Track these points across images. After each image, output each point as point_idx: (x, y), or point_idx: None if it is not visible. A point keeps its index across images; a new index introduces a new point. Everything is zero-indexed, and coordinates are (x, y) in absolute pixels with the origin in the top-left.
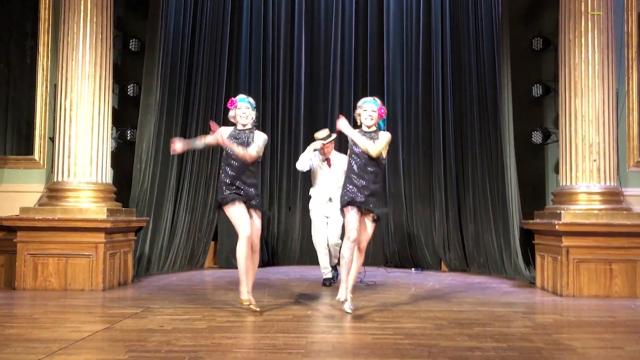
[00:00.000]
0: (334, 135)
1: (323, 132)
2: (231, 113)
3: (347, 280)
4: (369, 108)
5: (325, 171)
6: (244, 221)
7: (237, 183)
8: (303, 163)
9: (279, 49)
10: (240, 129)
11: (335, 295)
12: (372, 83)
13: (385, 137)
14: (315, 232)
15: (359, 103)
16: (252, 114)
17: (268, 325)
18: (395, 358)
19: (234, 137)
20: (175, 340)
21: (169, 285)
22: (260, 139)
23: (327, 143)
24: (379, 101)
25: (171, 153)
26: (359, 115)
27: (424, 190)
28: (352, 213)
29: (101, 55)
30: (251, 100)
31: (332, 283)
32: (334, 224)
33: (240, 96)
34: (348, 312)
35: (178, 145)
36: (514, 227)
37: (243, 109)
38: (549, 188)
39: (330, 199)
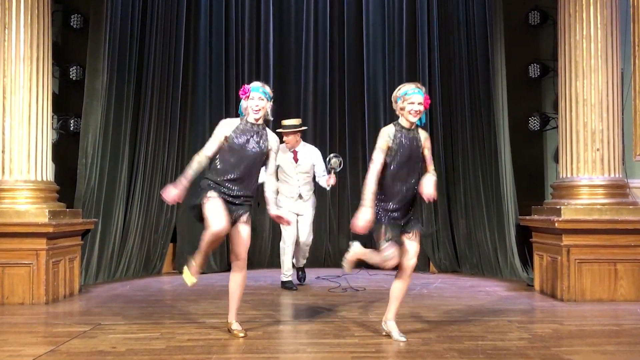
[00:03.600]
0: (301, 128)
1: (289, 120)
2: (243, 104)
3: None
4: (416, 100)
5: (292, 167)
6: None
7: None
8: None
9: (243, 23)
10: (251, 121)
11: (310, 302)
12: (349, 63)
13: (429, 142)
14: (284, 230)
15: (400, 92)
16: (268, 106)
17: (234, 344)
18: None
19: (241, 131)
20: None
21: (122, 296)
22: (274, 147)
23: (295, 132)
24: (424, 89)
25: (168, 203)
26: (402, 109)
27: None
28: (390, 244)
29: (38, 33)
30: (267, 89)
31: (292, 287)
32: (305, 222)
33: (254, 84)
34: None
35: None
36: (510, 223)
37: (256, 99)
38: (548, 179)
39: (300, 196)
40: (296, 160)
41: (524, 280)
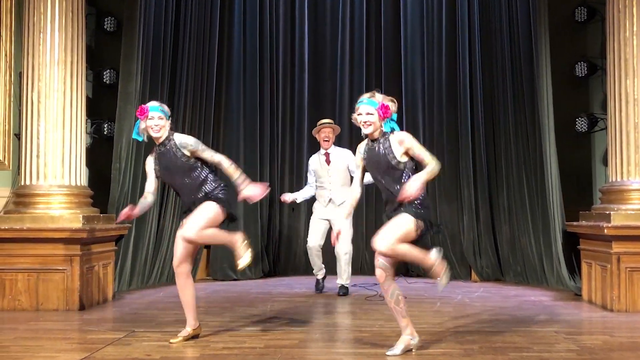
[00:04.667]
0: (336, 129)
1: (325, 120)
2: (141, 125)
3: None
4: (363, 110)
5: (324, 169)
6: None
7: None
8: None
9: (278, 23)
10: (159, 144)
11: (347, 310)
12: (386, 61)
13: (413, 141)
14: (309, 236)
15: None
16: (167, 124)
17: (270, 353)
18: None
19: (158, 157)
20: None
21: (156, 303)
22: (188, 142)
23: (324, 126)
24: (378, 97)
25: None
26: (355, 120)
27: (449, 188)
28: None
29: (72, 37)
30: (165, 108)
31: (316, 289)
32: (341, 230)
33: (152, 103)
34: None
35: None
36: (556, 229)
37: (155, 119)
38: (596, 183)
39: (330, 200)
40: (328, 162)
41: (571, 289)
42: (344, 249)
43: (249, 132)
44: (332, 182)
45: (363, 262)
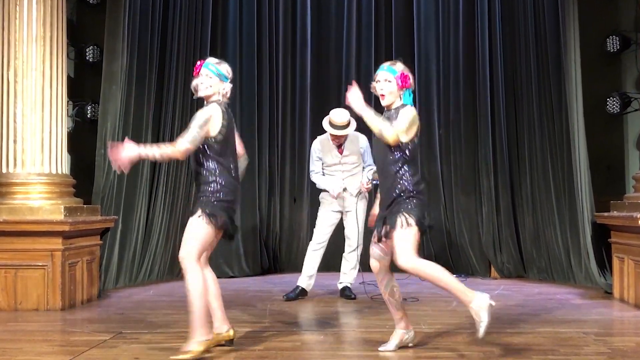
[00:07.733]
0: (352, 126)
1: (339, 116)
2: (193, 82)
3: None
4: (382, 77)
5: (337, 158)
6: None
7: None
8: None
9: None
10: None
11: (353, 309)
12: (397, 39)
13: (406, 114)
14: (316, 229)
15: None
16: (221, 87)
17: (270, 356)
18: None
19: (227, 116)
20: None
21: (145, 302)
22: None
23: (340, 135)
24: (398, 65)
25: (116, 170)
26: (374, 89)
27: (467, 176)
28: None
29: (52, 10)
30: (222, 68)
31: (293, 297)
32: (354, 220)
33: (207, 59)
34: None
35: (129, 152)
36: (584, 221)
37: (202, 77)
38: (629, 170)
39: (344, 189)
40: (341, 152)
41: (601, 286)
42: (355, 241)
43: (246, 118)
44: (345, 171)
45: (367, 258)
